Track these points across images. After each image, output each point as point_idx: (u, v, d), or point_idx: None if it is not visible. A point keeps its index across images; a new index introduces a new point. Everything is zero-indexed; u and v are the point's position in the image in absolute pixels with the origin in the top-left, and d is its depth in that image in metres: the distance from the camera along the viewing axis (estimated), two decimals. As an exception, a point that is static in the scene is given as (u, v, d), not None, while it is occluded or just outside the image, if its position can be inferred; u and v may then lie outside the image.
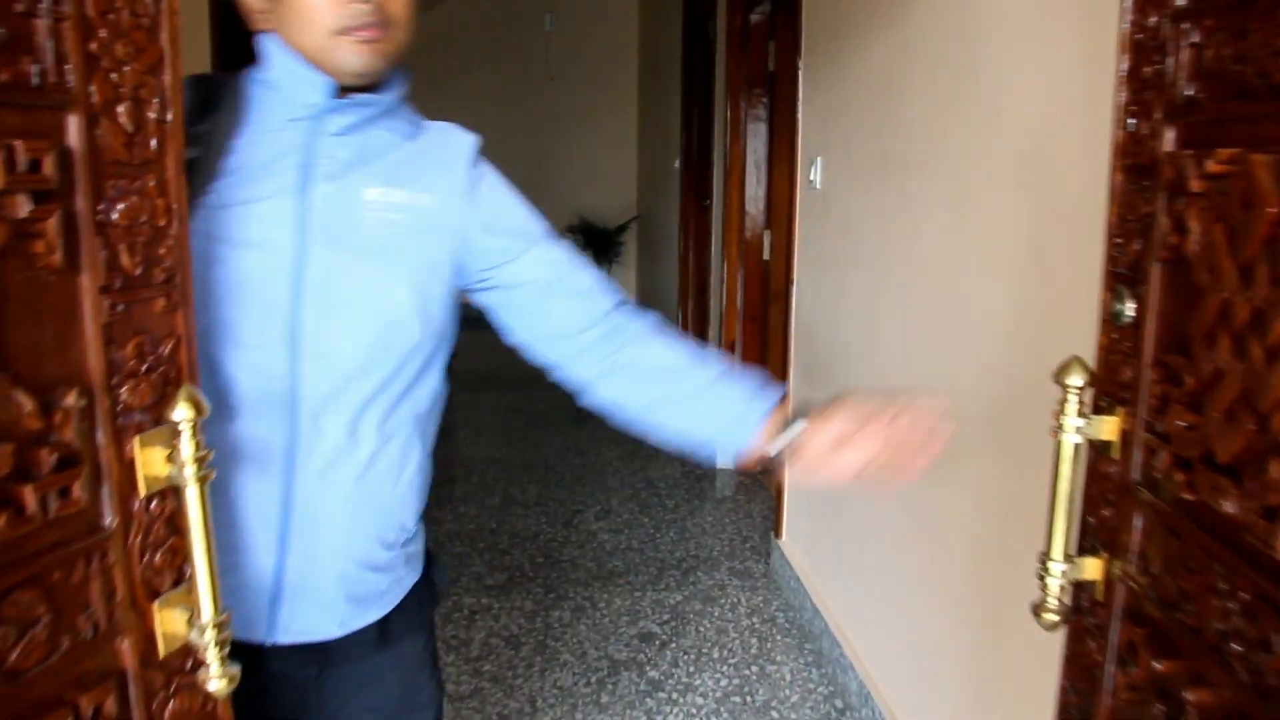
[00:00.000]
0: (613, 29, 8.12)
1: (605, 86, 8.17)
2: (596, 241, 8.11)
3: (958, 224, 1.81)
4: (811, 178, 2.86)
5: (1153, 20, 0.70)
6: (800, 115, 3.03)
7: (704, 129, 5.33)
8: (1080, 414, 0.76)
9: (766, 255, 4.14)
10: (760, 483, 4.17)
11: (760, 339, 4.22)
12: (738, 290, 4.22)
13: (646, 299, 7.65)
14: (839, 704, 2.49)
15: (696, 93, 5.35)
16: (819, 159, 2.81)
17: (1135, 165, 0.73)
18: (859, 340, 2.44)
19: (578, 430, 4.92)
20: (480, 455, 4.51)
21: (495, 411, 5.30)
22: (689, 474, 4.28)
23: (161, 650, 0.71)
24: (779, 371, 4.14)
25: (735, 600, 3.07)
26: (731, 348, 4.28)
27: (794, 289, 3.15)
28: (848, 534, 2.58)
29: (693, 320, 5.57)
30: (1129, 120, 0.73)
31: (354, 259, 1.00)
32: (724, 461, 4.35)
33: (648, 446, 4.61)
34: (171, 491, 0.71)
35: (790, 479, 3.17)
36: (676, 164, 5.67)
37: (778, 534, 3.25)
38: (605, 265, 8.22)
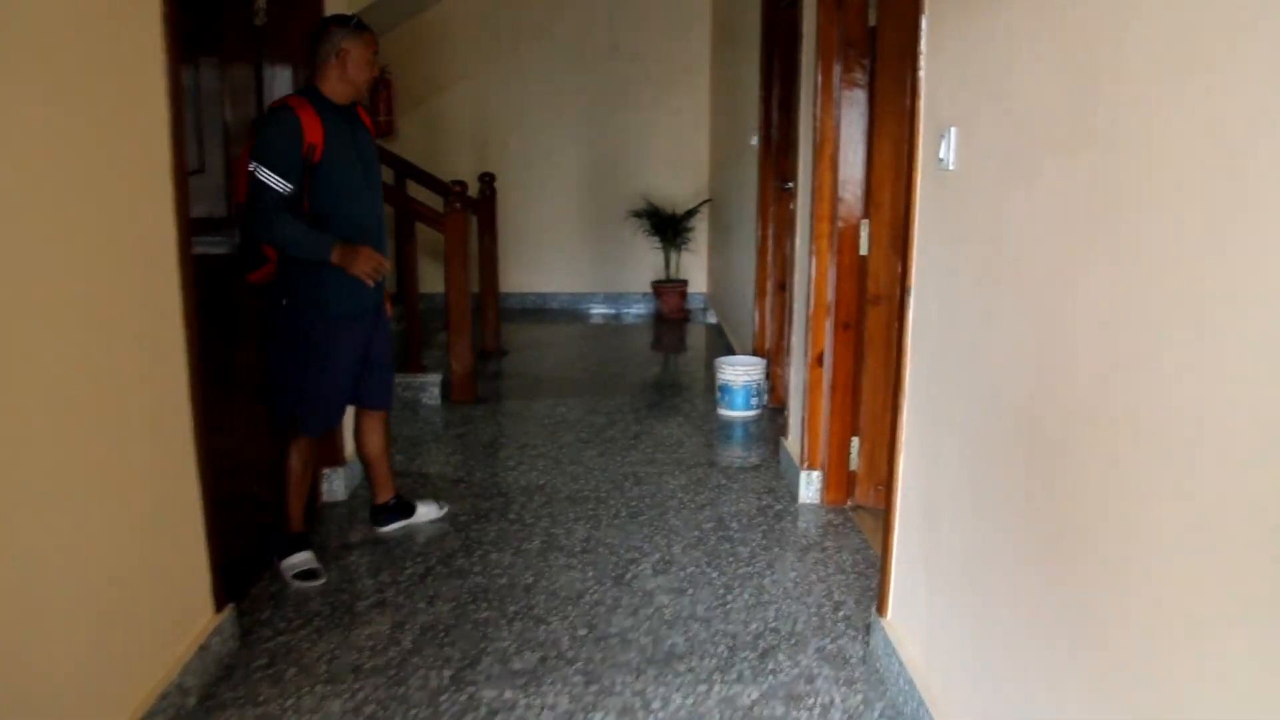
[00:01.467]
0: (683, -6, 7.40)
1: (674, 58, 7.46)
2: (663, 226, 7.43)
3: (1227, 233, 1.10)
4: (941, 156, 2.14)
5: None
6: (923, 75, 2.31)
7: (786, 100, 4.61)
8: None
9: (864, 249, 3.42)
10: (853, 523, 3.47)
11: (855, 350, 3.51)
12: (828, 291, 3.51)
13: (718, 293, 6.95)
14: None
15: (779, 59, 4.62)
16: (952, 131, 2.09)
17: None
18: (1018, 387, 1.72)
19: (636, 450, 4.27)
20: (523, 482, 3.88)
21: (545, 425, 4.67)
22: (765, 510, 3.59)
23: None
24: (882, 399, 3.43)
25: (827, 700, 2.39)
26: (820, 361, 3.58)
27: (909, 298, 2.43)
28: (989, 617, 1.88)
29: (771, 322, 4.87)
30: None
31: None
32: (808, 495, 3.66)
33: (717, 474, 3.93)
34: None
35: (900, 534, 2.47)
36: (754, 141, 4.95)
37: (881, 609, 2.55)
38: (673, 252, 7.54)
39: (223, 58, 3.26)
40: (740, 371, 4.74)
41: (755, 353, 5.01)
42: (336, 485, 3.69)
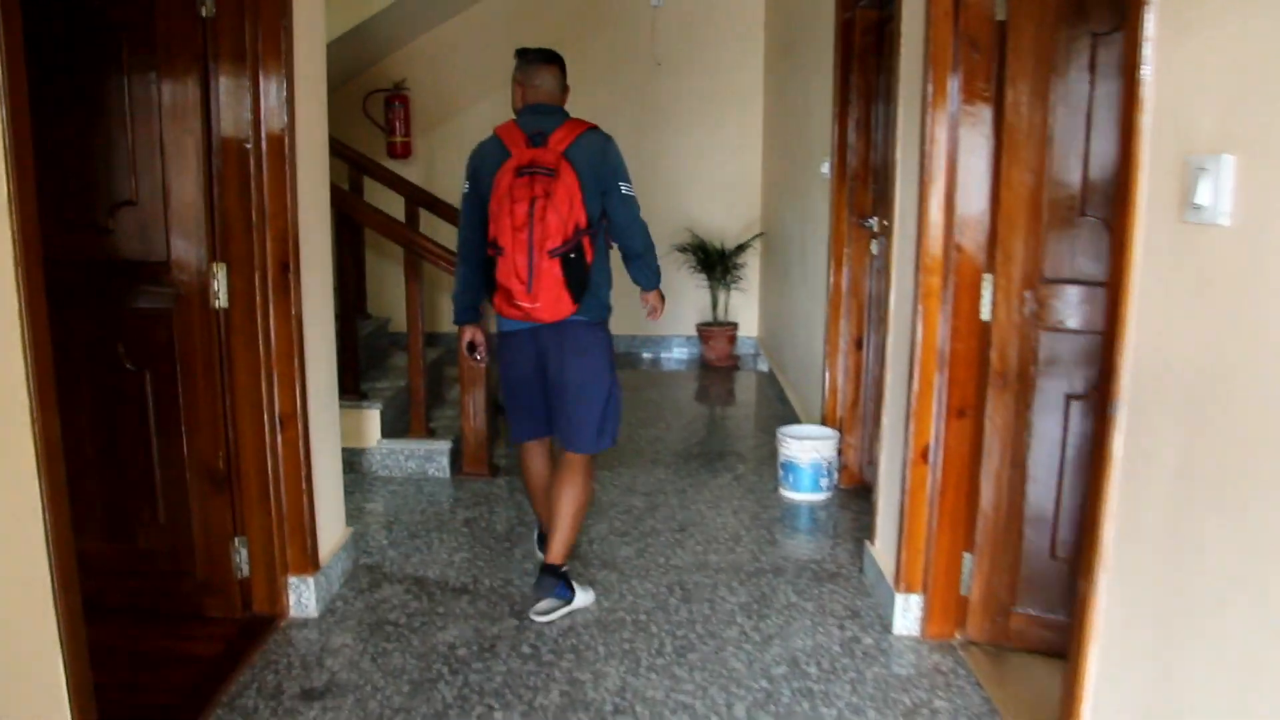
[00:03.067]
0: (734, 3, 6.64)
1: (724, 74, 6.70)
2: (711, 263, 6.65)
3: None
4: (1199, 201, 1.34)
5: None
6: (1150, 77, 1.51)
7: (866, 121, 3.83)
8: None
9: (986, 313, 2.61)
10: (965, 667, 2.65)
11: (973, 443, 2.69)
12: (937, 364, 2.70)
13: (773, 339, 6.13)
14: None
15: (859, 72, 3.84)
16: (1225, 161, 1.29)
17: None
18: None
19: (683, 548, 3.47)
20: (541, 594, 3.10)
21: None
22: (851, 646, 2.78)
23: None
24: (1009, 506, 2.63)
25: None
26: (925, 455, 2.77)
27: (1116, 408, 1.63)
28: None
29: (845, 386, 4.06)
30: None
31: None
32: (905, 626, 2.85)
33: (785, 586, 3.13)
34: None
35: None
36: (825, 169, 4.16)
37: None
38: (721, 291, 6.75)
39: (158, 59, 2.54)
40: (808, 448, 3.93)
41: (824, 421, 4.20)
42: (306, 599, 2.93)
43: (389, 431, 4.29)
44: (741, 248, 6.69)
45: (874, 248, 3.88)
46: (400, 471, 4.23)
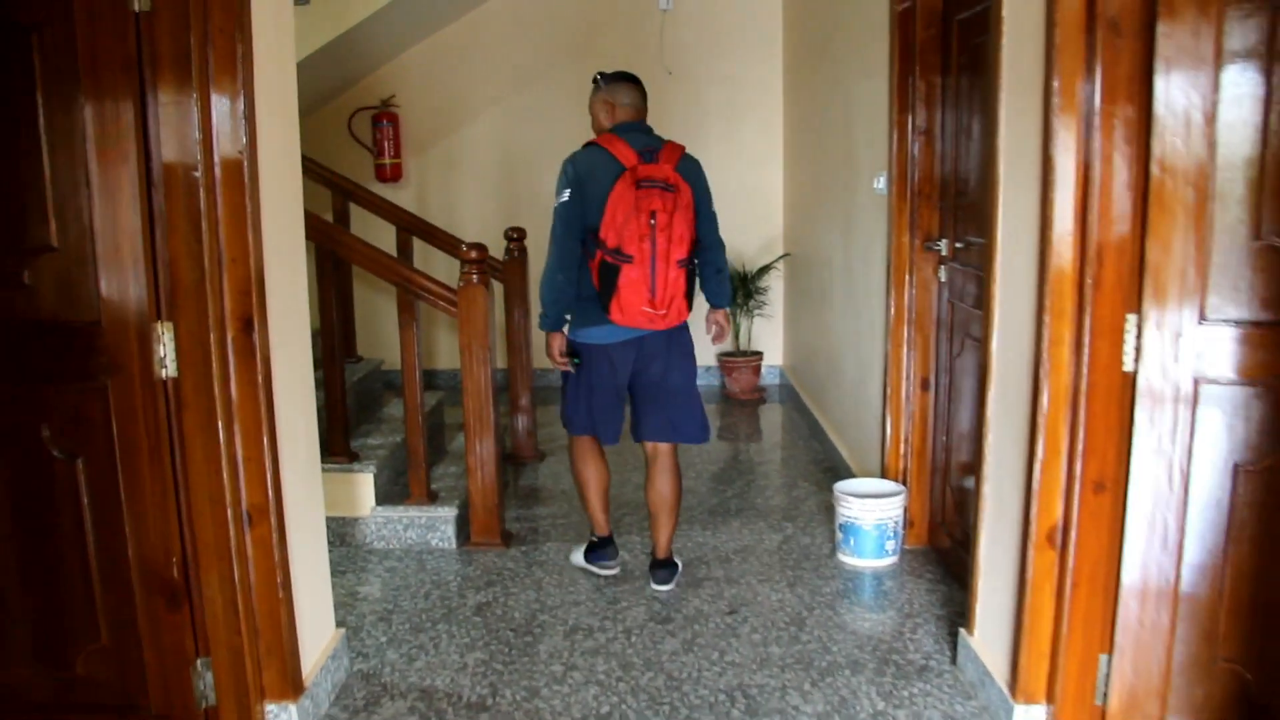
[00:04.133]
0: (750, 5, 6.13)
1: (741, 81, 6.18)
2: (732, 288, 6.09)
3: None
4: None
5: None
6: None
7: (928, 128, 3.32)
8: None
9: (1131, 363, 2.08)
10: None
11: (1114, 526, 2.15)
12: (1064, 428, 2.17)
13: (803, 369, 5.57)
14: None
15: (922, 73, 3.32)
16: None
17: None
18: None
19: (737, 638, 2.93)
20: (576, 713, 2.55)
21: (602, 588, 3.38)
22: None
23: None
24: (1158, 598, 2.09)
25: None
26: (1052, 538, 2.22)
27: None
28: None
29: (911, 434, 3.53)
30: None
31: None
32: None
33: (866, 686, 2.59)
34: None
35: None
36: (879, 184, 3.63)
37: None
38: (744, 317, 6.21)
39: (81, 67, 2.00)
40: (872, 508, 3.38)
41: (883, 472, 3.66)
42: (288, 730, 2.38)
43: (384, 497, 3.73)
44: (764, 270, 6.16)
45: (942, 274, 3.35)
46: (399, 543, 3.67)
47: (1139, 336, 2.07)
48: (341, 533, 3.63)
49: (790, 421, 5.55)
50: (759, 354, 6.20)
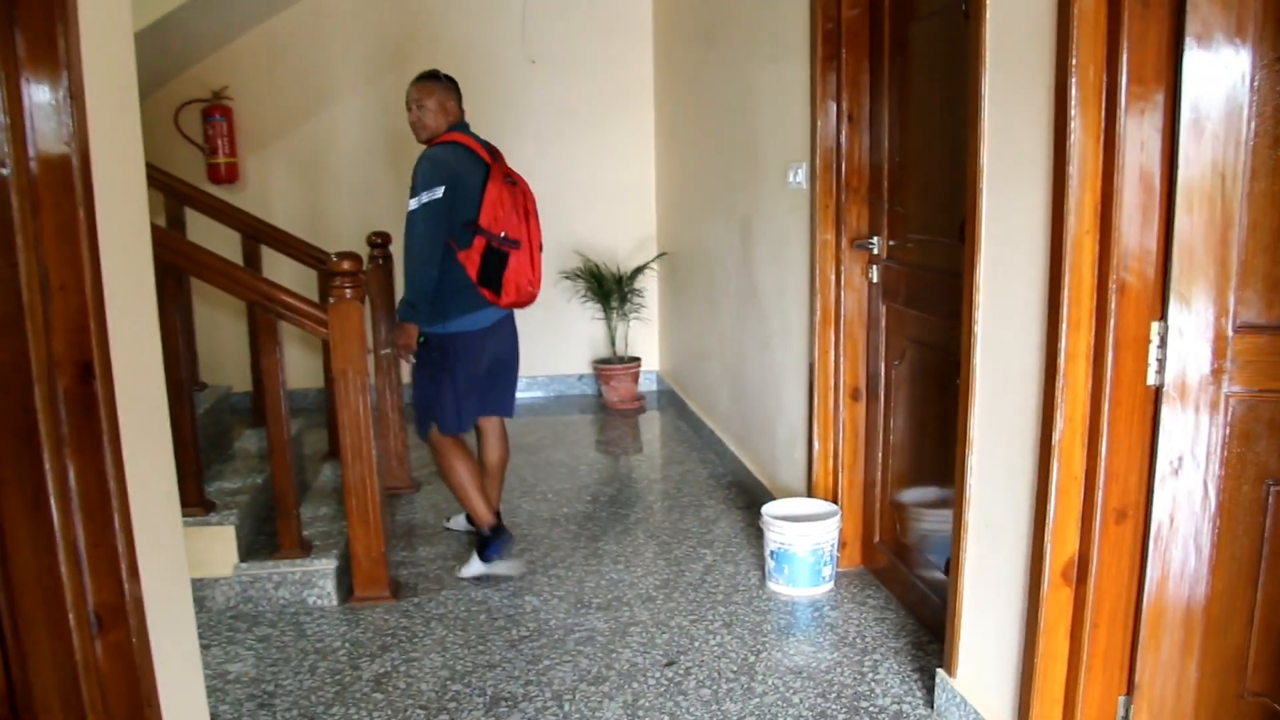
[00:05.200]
0: (617, -11, 5.78)
1: (608, 70, 5.83)
2: (606, 290, 5.76)
3: None
4: None
5: None
6: None
7: (855, 115, 3.07)
8: None
9: (1154, 376, 1.85)
10: None
11: (1135, 558, 1.92)
12: (1080, 450, 1.92)
13: (690, 381, 5.26)
14: None
15: (851, 55, 3.06)
16: None
17: None
18: None
19: (683, 695, 2.58)
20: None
21: (517, 642, 2.97)
22: None
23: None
24: (1187, 635, 1.85)
25: None
26: (1069, 574, 1.97)
27: None
28: None
29: (843, 448, 3.28)
30: None
31: None
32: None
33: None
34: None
35: None
36: (797, 176, 3.35)
37: None
38: (620, 322, 5.88)
39: None
40: (807, 532, 3.10)
41: (811, 491, 3.39)
42: None
43: (249, 551, 3.18)
44: (639, 270, 5.83)
45: (874, 274, 3.10)
46: (270, 605, 3.13)
47: (1163, 346, 1.84)
48: (200, 597, 3.06)
49: (678, 431, 5.25)
50: (637, 360, 5.87)
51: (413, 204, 3.05)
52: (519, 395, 5.90)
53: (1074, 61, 1.79)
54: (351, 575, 3.18)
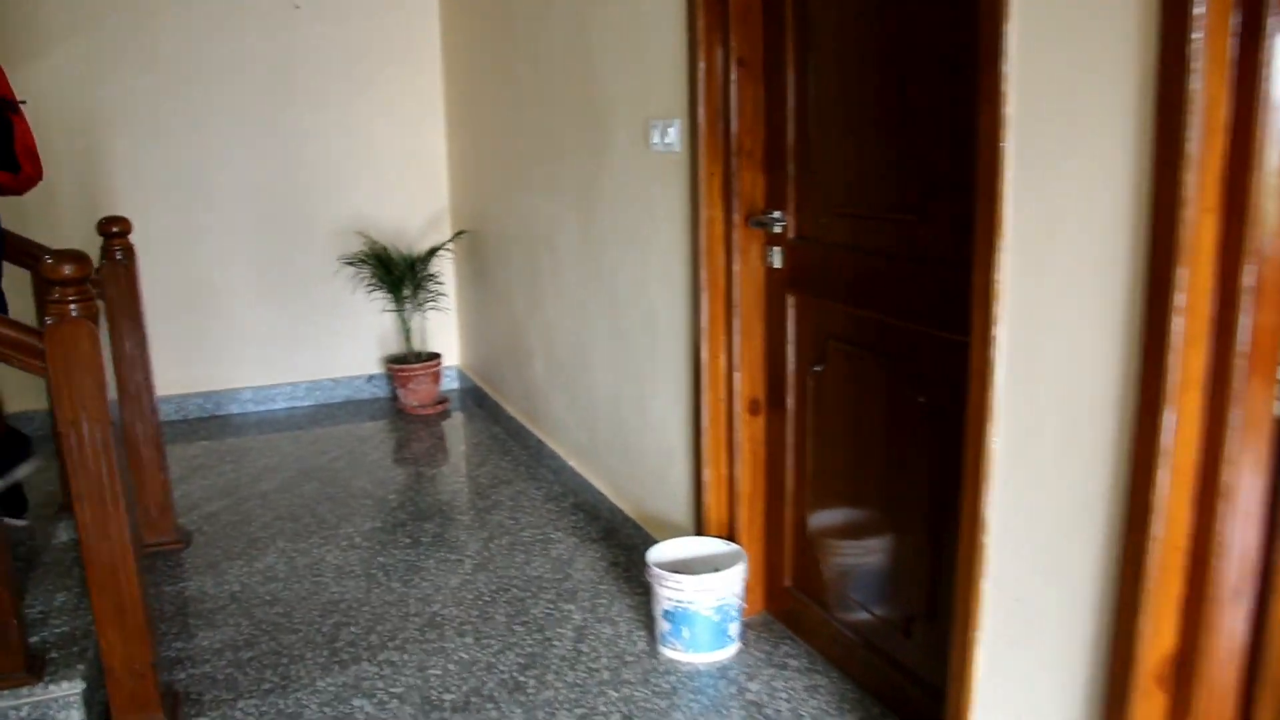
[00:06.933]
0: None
1: (385, 15, 4.89)
2: (396, 276, 4.88)
3: None
4: None
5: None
6: None
7: (756, 62, 2.44)
8: None
9: None
10: None
11: (1248, 649, 1.42)
12: (1190, 513, 1.39)
13: (506, 382, 4.48)
14: None
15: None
16: None
17: None
18: None
19: None
20: None
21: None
22: None
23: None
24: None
25: None
26: (1164, 679, 1.45)
27: None
28: None
29: (744, 475, 2.67)
30: None
31: None
32: None
33: None
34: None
35: None
36: (668, 137, 2.68)
37: None
38: (416, 313, 5.02)
39: None
40: (710, 586, 2.47)
41: (701, 527, 2.76)
42: None
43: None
44: (433, 252, 4.97)
45: (775, 257, 2.49)
46: (-33, 769, 2.15)
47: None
48: None
49: (495, 441, 4.48)
50: (437, 356, 5.04)
51: None
52: (297, 404, 4.96)
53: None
54: (105, 693, 2.25)
